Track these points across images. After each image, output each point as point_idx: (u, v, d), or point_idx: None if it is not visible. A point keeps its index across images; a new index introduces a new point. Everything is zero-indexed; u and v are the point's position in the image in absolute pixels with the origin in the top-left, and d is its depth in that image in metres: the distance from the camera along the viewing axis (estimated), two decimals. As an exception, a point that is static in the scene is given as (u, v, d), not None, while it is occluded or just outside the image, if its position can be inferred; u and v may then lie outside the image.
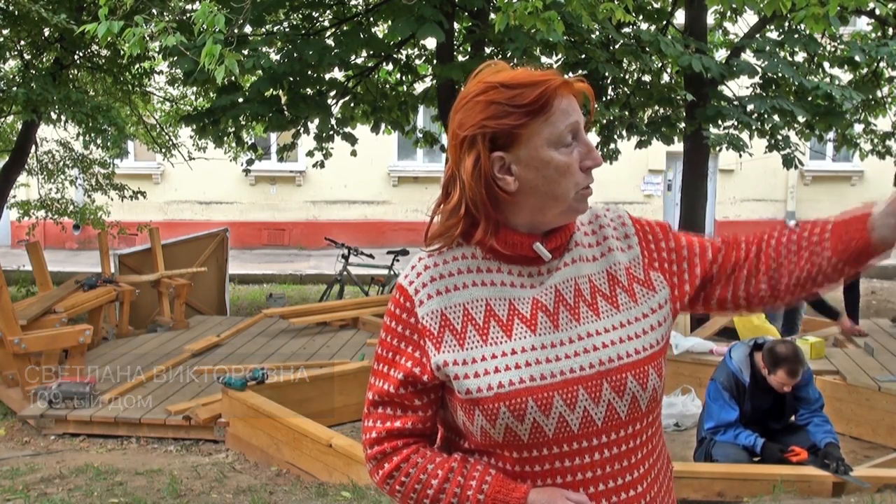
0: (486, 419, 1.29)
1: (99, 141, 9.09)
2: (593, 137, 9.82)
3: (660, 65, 9.09)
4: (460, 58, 9.20)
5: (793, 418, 4.83)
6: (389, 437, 1.42)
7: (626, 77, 9.30)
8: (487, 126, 1.31)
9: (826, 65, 9.74)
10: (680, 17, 10.00)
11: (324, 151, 9.92)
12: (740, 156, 8.75)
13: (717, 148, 8.44)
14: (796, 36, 8.60)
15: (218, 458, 5.23)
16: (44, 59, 9.50)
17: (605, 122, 9.06)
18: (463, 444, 1.40)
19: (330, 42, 8.47)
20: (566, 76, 1.34)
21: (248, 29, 8.12)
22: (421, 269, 1.38)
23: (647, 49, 7.78)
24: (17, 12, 7.77)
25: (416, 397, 1.39)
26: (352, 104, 9.55)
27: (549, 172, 1.31)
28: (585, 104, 1.37)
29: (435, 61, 9.12)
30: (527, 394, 1.28)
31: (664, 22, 9.34)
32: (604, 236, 1.42)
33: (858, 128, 10.73)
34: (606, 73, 8.10)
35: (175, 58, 7.25)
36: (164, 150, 11.48)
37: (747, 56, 9.27)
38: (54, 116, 8.96)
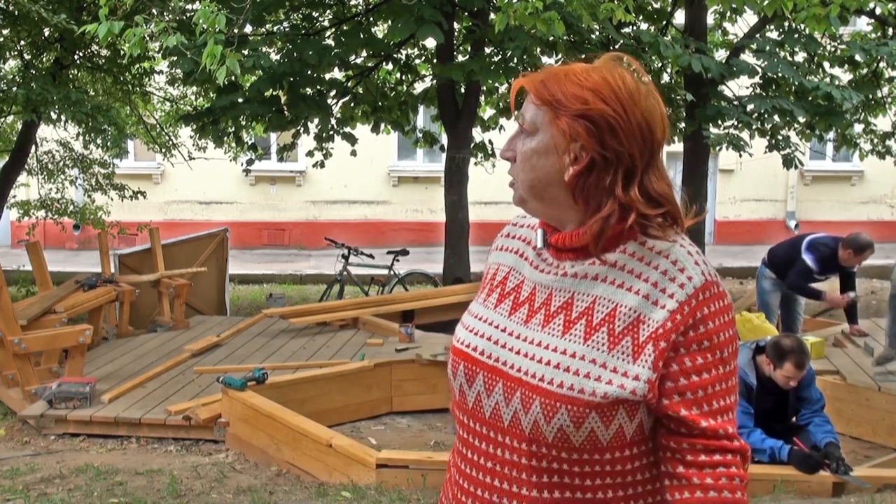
0: (450, 364, 1.42)
1: (99, 141, 9.09)
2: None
3: (660, 65, 9.09)
4: (460, 58, 9.20)
5: (794, 419, 4.83)
6: None
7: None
8: None
9: (826, 65, 9.75)
10: (680, 18, 10.01)
11: (324, 151, 9.93)
12: (740, 156, 8.76)
13: (717, 148, 8.44)
14: (796, 36, 8.61)
15: (218, 458, 5.23)
16: (44, 59, 9.51)
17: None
18: None
19: (330, 42, 8.48)
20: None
21: (248, 29, 8.13)
22: (507, 226, 1.52)
23: (647, 49, 7.79)
24: (17, 12, 7.77)
25: None
26: (352, 104, 9.56)
27: None
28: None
29: (435, 61, 9.13)
30: (462, 358, 1.37)
31: (664, 22, 9.35)
32: (647, 277, 1.27)
33: (858, 128, 10.74)
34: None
35: (175, 58, 7.26)
36: (164, 150, 11.48)
37: (747, 56, 9.28)
38: (54, 116, 8.96)
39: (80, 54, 9.33)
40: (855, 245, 6.52)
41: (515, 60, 7.80)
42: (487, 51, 8.69)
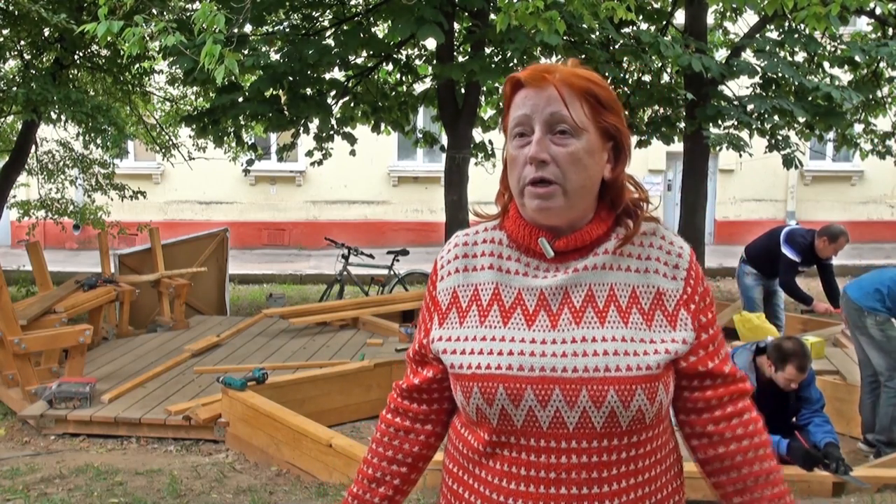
0: (462, 395, 1.35)
1: (99, 141, 9.09)
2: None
3: (660, 65, 9.09)
4: (460, 58, 9.20)
5: (794, 420, 4.83)
6: (402, 392, 1.55)
7: (626, 77, 9.30)
8: (504, 119, 1.41)
9: (826, 65, 9.74)
10: (680, 17, 10.01)
11: (323, 151, 9.93)
12: (740, 156, 8.75)
13: (717, 148, 8.44)
14: (796, 36, 8.61)
15: (218, 458, 5.23)
16: (44, 59, 9.50)
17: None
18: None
19: (330, 42, 8.47)
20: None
21: (248, 28, 8.12)
22: (451, 246, 1.46)
23: (647, 49, 7.79)
24: (17, 12, 7.77)
25: (426, 364, 1.49)
26: (352, 104, 9.56)
27: (507, 164, 1.38)
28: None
29: (435, 61, 9.12)
30: (499, 380, 1.30)
31: (664, 22, 9.35)
32: (648, 255, 1.38)
33: (858, 128, 10.74)
34: (606, 74, 8.10)
35: (175, 57, 7.25)
36: (163, 150, 11.48)
37: (747, 56, 9.28)
38: (54, 116, 8.96)
39: (80, 54, 9.32)
40: (829, 233, 6.69)
41: (515, 61, 7.80)
42: (487, 51, 8.68)
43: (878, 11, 8.64)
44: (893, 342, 5.14)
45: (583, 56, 8.06)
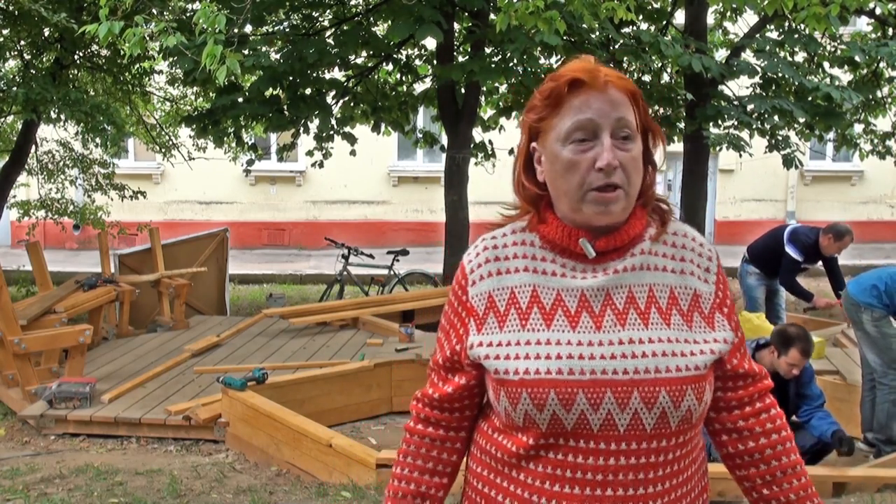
0: (508, 401, 1.32)
1: (98, 140, 9.08)
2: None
3: (660, 65, 9.09)
4: (460, 58, 9.20)
5: (794, 417, 4.83)
6: (432, 402, 1.49)
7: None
8: (527, 117, 1.38)
9: (826, 65, 9.75)
10: (680, 17, 10.01)
11: (324, 151, 9.93)
12: (740, 156, 8.75)
13: (717, 148, 8.44)
14: (796, 36, 8.61)
15: (218, 458, 5.23)
16: (44, 59, 9.50)
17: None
18: (494, 421, 1.44)
19: (330, 42, 8.47)
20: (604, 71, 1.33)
21: (248, 28, 8.12)
22: (480, 250, 1.42)
23: (647, 49, 7.79)
24: (16, 12, 7.76)
25: (459, 372, 1.44)
26: (352, 104, 9.56)
27: (557, 167, 1.33)
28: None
29: (435, 62, 9.13)
30: (550, 385, 1.28)
31: (664, 22, 9.35)
32: (682, 257, 1.39)
33: (858, 128, 10.74)
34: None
35: (175, 58, 7.25)
36: (163, 151, 11.48)
37: (747, 56, 9.28)
38: (54, 115, 8.96)
39: (80, 54, 9.32)
40: (835, 231, 6.72)
41: (515, 61, 7.80)
42: (487, 51, 8.68)
43: (878, 11, 8.64)
44: (888, 339, 5.14)
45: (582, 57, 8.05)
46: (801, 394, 4.72)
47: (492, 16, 7.96)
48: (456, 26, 9.01)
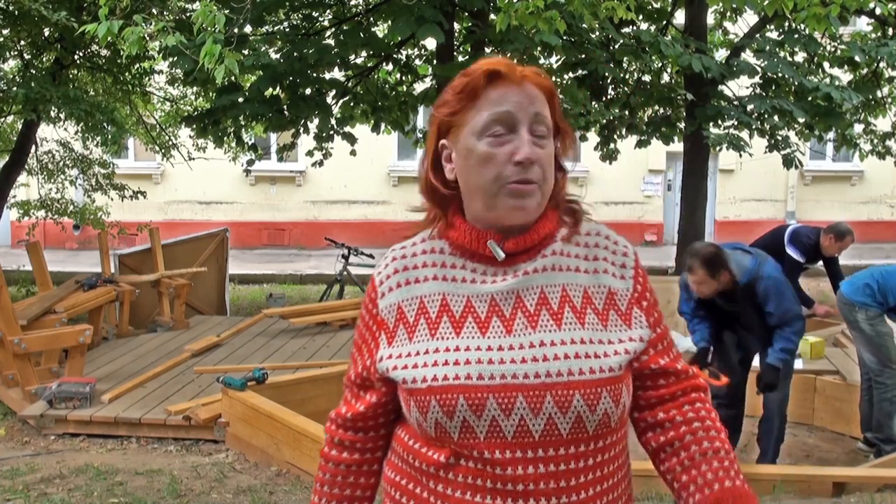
0: (419, 411, 1.27)
1: (98, 139, 9.08)
2: (593, 137, 9.82)
3: (660, 65, 9.09)
4: (460, 58, 9.19)
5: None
6: (346, 423, 1.44)
7: (626, 77, 9.31)
8: (436, 114, 1.34)
9: (826, 65, 9.75)
10: (680, 17, 10.01)
11: (324, 151, 9.93)
12: (740, 156, 8.76)
13: (717, 148, 8.45)
14: (796, 36, 8.62)
15: (218, 458, 5.23)
16: (44, 59, 9.50)
17: (605, 121, 9.07)
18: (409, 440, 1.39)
19: (330, 42, 8.47)
20: (559, 72, 1.34)
21: (248, 28, 8.12)
22: (390, 261, 1.40)
23: (647, 49, 7.79)
24: (16, 12, 7.76)
25: (370, 389, 1.40)
26: (352, 104, 9.55)
27: (471, 162, 1.29)
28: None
29: (435, 61, 9.12)
30: (458, 391, 1.24)
31: (664, 22, 9.35)
32: (595, 256, 1.35)
33: (858, 128, 10.74)
34: (606, 74, 8.10)
35: (175, 58, 7.25)
36: (163, 151, 11.48)
37: (747, 56, 9.28)
38: (54, 115, 8.96)
39: (80, 54, 9.32)
40: (836, 231, 6.73)
41: (515, 61, 7.80)
42: (487, 51, 8.68)
43: (878, 11, 8.64)
44: (883, 338, 5.15)
45: (583, 56, 8.06)
46: (767, 312, 4.69)
47: (492, 16, 7.96)
48: (456, 26, 9.00)
